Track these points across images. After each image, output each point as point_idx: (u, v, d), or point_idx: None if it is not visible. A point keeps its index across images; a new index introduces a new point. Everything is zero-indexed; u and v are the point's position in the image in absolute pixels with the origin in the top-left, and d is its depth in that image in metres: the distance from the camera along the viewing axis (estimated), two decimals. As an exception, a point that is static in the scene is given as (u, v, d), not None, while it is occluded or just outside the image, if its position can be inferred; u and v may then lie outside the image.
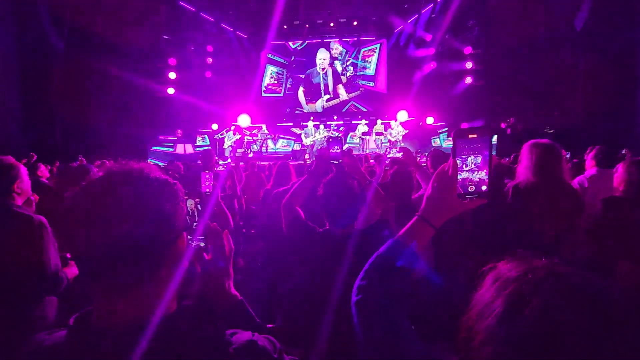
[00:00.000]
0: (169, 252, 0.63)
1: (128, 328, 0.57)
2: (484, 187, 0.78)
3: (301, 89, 15.33)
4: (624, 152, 5.60)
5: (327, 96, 15.22)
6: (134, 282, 0.60)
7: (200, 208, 0.89)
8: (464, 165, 0.78)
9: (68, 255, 2.00)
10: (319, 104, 15.25)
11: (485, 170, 0.77)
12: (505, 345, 0.48)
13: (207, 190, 2.42)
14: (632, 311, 0.46)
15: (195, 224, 0.88)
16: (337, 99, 15.22)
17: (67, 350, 0.58)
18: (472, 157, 0.78)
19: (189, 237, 0.80)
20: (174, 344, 0.58)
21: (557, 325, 0.45)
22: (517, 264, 0.55)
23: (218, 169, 7.61)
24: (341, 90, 15.18)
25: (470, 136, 0.77)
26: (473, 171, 0.78)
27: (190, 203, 0.83)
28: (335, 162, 1.65)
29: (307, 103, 15.35)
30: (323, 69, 15.10)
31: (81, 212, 0.58)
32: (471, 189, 0.78)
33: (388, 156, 3.83)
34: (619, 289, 0.48)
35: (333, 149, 1.65)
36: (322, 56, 15.09)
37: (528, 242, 1.95)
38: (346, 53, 15.14)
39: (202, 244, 0.89)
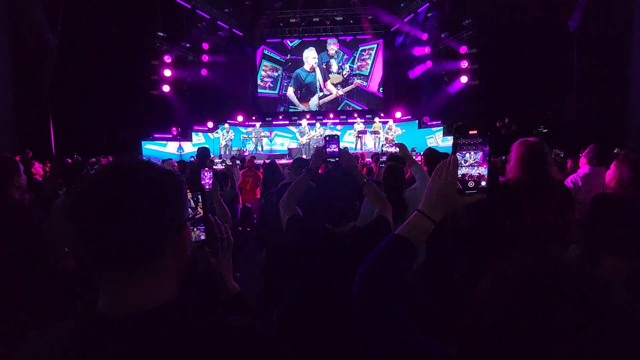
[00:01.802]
0: (173, 242, 0.65)
1: (133, 314, 0.59)
2: (483, 183, 0.79)
3: (290, 89, 15.32)
4: (616, 150, 5.67)
5: (321, 94, 15.23)
6: (139, 270, 0.62)
7: (200, 201, 0.92)
8: (464, 161, 0.80)
9: (66, 249, 2.01)
10: (313, 102, 15.26)
11: (484, 166, 0.79)
12: (509, 335, 0.49)
13: (207, 187, 2.43)
14: (631, 305, 0.48)
15: (196, 216, 0.90)
16: (330, 95, 15.23)
17: (76, 337, 0.60)
18: (472, 153, 0.80)
19: (192, 228, 0.83)
20: (177, 328, 0.61)
21: (562, 316, 0.47)
22: (522, 257, 0.57)
23: (216, 167, 7.59)
24: (330, 86, 15.19)
25: (470, 132, 0.80)
26: (473, 167, 0.80)
27: (191, 196, 0.85)
28: (332, 160, 1.66)
29: (300, 102, 15.35)
30: (311, 68, 15.09)
31: (91, 203, 0.60)
32: (470, 184, 0.80)
33: (384, 149, 3.86)
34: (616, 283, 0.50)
35: (330, 148, 1.66)
36: (309, 55, 15.07)
37: (520, 239, 1.98)
38: (343, 54, 15.15)
39: (203, 237, 0.91)
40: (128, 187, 0.61)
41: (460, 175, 0.80)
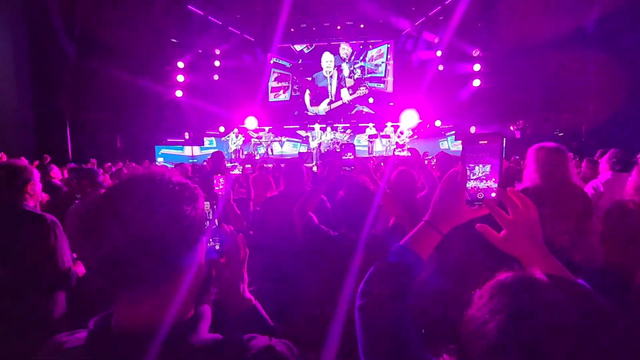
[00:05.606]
0: (189, 256, 0.63)
1: (148, 332, 0.57)
2: (493, 195, 0.75)
3: (307, 92, 15.38)
4: (638, 155, 5.47)
5: (328, 99, 15.26)
6: (154, 285, 0.60)
7: (215, 209, 0.89)
8: (473, 173, 0.75)
9: (74, 255, 2.03)
10: (322, 107, 15.29)
11: (494, 178, 0.75)
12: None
13: (220, 193, 2.42)
14: (621, 336, 0.46)
15: (211, 226, 0.87)
16: (340, 101, 15.25)
17: (87, 353, 0.58)
18: (481, 166, 0.75)
19: (209, 240, 0.81)
20: (193, 348, 0.59)
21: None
22: (506, 281, 0.55)
23: (233, 172, 7.63)
24: (344, 93, 15.21)
25: (480, 142, 0.75)
26: (482, 178, 0.75)
27: (206, 205, 0.83)
28: (347, 168, 1.65)
29: (311, 106, 15.40)
30: (329, 73, 15.14)
31: (104, 216, 0.58)
32: (480, 195, 0.75)
33: (396, 153, 3.83)
34: (609, 308, 0.47)
35: (346, 156, 1.65)
36: (327, 59, 15.12)
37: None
38: (354, 54, 15.14)
39: (217, 247, 0.89)
40: (145, 204, 0.58)
41: (469, 187, 0.75)
